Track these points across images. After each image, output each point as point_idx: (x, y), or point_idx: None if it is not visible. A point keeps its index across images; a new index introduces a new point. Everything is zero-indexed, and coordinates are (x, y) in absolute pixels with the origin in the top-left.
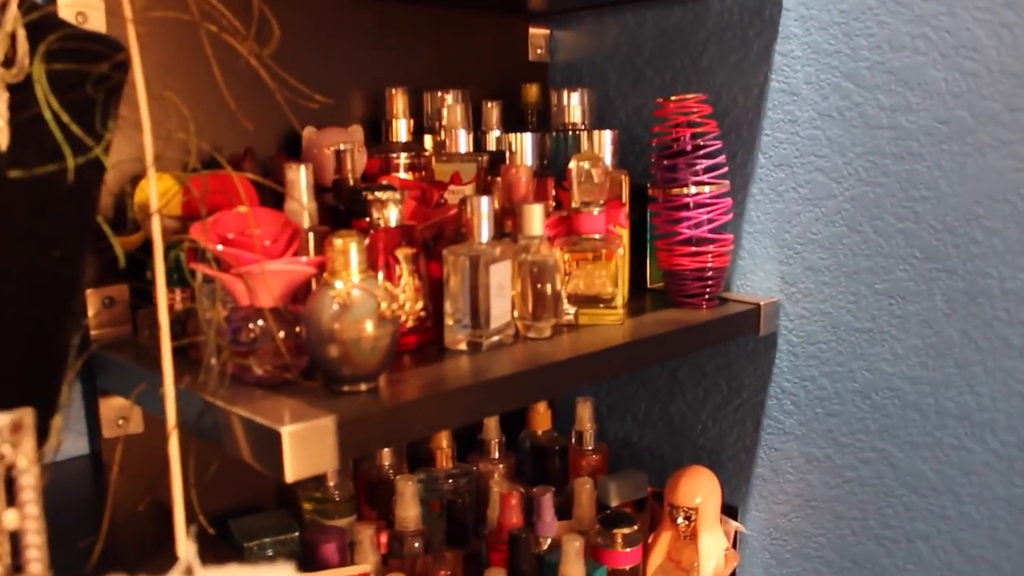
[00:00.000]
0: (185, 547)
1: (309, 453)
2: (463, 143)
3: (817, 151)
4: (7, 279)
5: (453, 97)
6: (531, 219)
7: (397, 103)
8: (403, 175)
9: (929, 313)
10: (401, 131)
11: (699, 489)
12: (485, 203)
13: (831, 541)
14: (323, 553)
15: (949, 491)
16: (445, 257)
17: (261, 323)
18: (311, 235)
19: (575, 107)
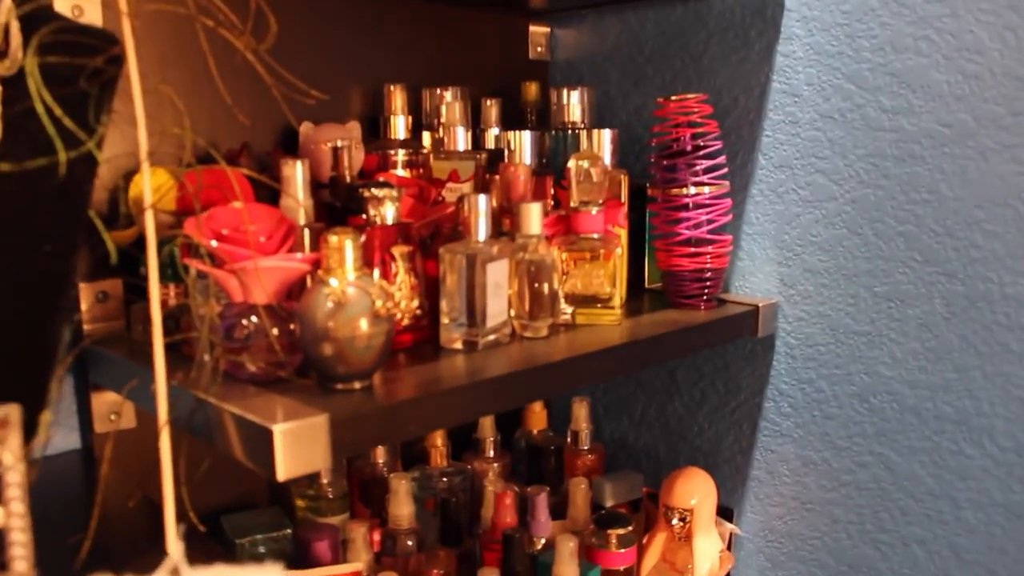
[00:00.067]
0: (174, 545)
1: (301, 452)
2: (462, 141)
3: (818, 153)
4: None
5: (452, 94)
6: (529, 218)
7: (396, 99)
8: (401, 172)
9: (928, 317)
10: (399, 128)
11: (695, 491)
12: (483, 201)
13: (827, 544)
14: (315, 551)
15: (946, 496)
16: (442, 255)
17: (255, 320)
18: (307, 232)
19: (575, 106)
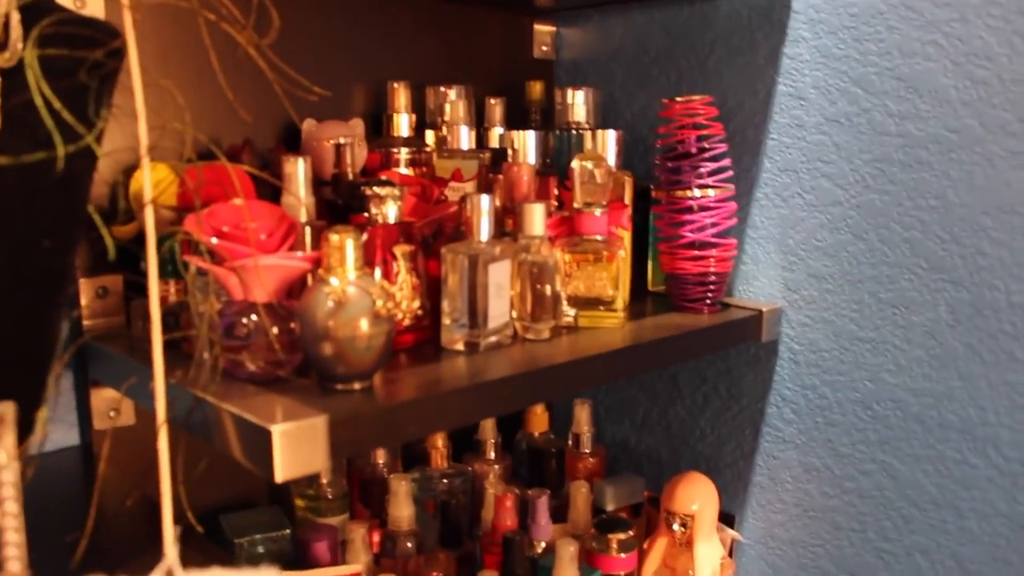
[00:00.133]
0: (170, 548)
1: (300, 453)
2: (465, 140)
3: (823, 157)
4: None
5: (456, 92)
6: (532, 219)
7: (399, 97)
8: (404, 170)
9: (933, 324)
10: (403, 126)
11: (696, 496)
12: (486, 201)
13: (829, 552)
14: (314, 551)
15: (950, 505)
16: (444, 255)
17: (254, 318)
18: (308, 229)
19: (579, 106)
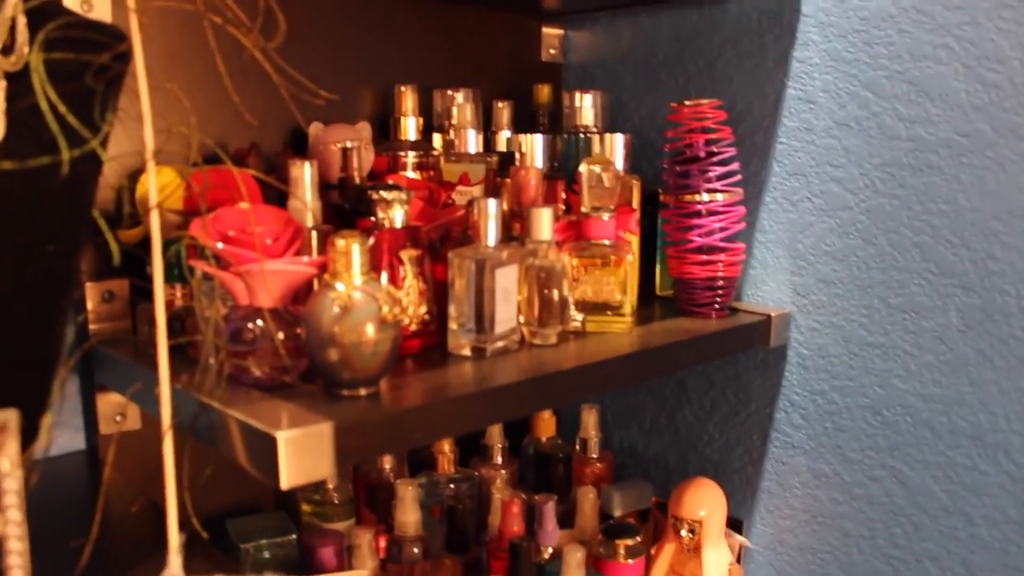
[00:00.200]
0: (175, 555)
1: (305, 460)
2: (472, 143)
3: (833, 161)
4: None
5: (464, 96)
6: (540, 223)
7: (406, 100)
8: (411, 174)
9: (944, 329)
10: (410, 129)
11: (704, 501)
12: (493, 205)
13: (838, 559)
14: (320, 557)
15: (960, 512)
16: (450, 260)
17: (260, 323)
18: (314, 234)
19: (587, 109)
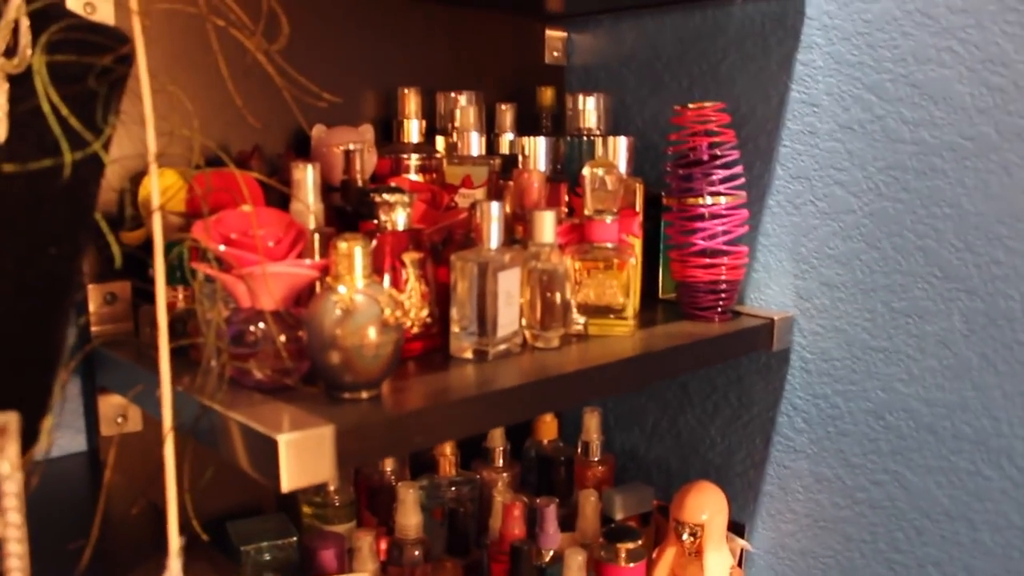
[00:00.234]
0: (174, 560)
1: (306, 463)
2: (475, 146)
3: (836, 164)
4: (0, 276)
5: (466, 98)
6: (542, 226)
7: (409, 103)
8: (414, 177)
9: (947, 334)
10: (413, 132)
11: (706, 505)
12: (496, 208)
13: (839, 563)
14: (321, 559)
15: (963, 517)
16: (453, 263)
17: (262, 326)
18: (316, 236)
19: (590, 112)
